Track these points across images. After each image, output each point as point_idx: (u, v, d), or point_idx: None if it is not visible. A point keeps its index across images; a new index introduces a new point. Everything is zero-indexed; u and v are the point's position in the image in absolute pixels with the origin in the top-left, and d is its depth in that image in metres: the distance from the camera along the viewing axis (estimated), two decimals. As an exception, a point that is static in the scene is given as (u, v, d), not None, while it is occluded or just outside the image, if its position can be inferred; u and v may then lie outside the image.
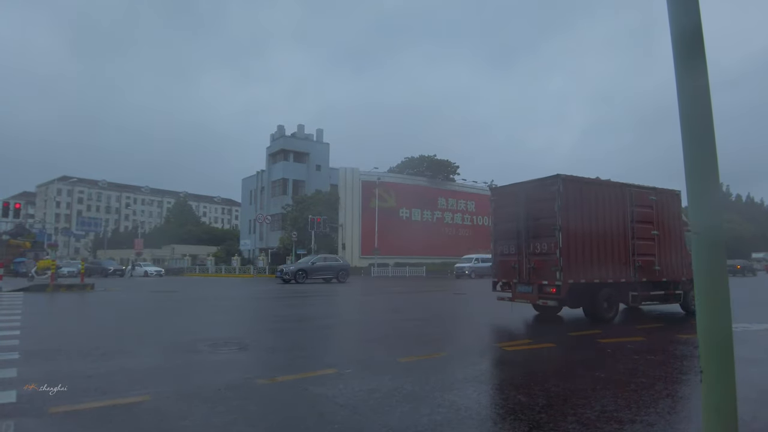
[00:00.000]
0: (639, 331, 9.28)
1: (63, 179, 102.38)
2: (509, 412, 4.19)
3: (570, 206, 10.08)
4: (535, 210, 10.61)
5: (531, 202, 10.71)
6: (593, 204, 10.50)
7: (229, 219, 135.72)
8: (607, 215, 10.63)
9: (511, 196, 11.34)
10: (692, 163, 1.75)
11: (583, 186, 10.55)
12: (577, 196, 10.27)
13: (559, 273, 9.91)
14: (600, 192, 10.70)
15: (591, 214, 10.44)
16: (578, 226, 10.16)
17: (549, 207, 10.16)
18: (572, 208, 10.12)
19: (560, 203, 9.97)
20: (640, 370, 5.85)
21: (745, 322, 10.27)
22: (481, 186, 60.96)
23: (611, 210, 10.70)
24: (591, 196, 10.53)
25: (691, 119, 1.75)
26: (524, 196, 10.90)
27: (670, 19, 1.79)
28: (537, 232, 10.51)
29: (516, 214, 11.01)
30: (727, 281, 1.74)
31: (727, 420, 1.72)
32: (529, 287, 10.67)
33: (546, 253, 10.29)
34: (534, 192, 10.70)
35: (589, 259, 10.34)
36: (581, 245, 10.19)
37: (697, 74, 1.74)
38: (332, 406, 4.35)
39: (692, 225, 1.74)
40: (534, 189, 10.72)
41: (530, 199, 10.75)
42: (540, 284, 10.35)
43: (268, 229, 57.29)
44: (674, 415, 4.15)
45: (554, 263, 10.01)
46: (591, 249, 10.37)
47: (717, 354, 1.72)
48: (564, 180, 10.13)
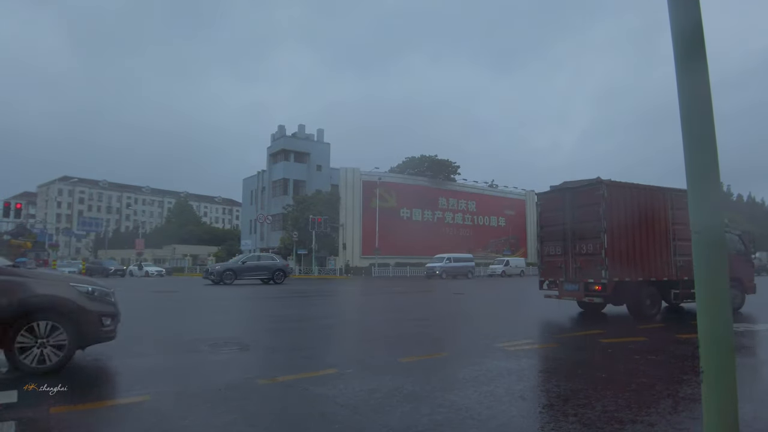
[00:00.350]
0: (641, 331, 9.28)
1: (64, 179, 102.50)
2: (509, 413, 4.18)
3: (614, 209, 10.73)
4: (580, 213, 11.30)
5: (576, 207, 11.40)
6: (635, 207, 11.08)
7: (230, 219, 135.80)
8: (649, 217, 11.18)
9: (556, 201, 12.07)
10: (693, 163, 1.74)
11: (626, 190, 11.15)
12: (620, 200, 10.89)
13: (604, 272, 10.55)
14: (641, 196, 11.32)
15: (633, 217, 11.01)
16: (622, 228, 10.76)
17: (594, 211, 10.84)
18: (616, 211, 10.76)
19: (605, 207, 10.65)
20: (641, 370, 5.84)
21: (747, 322, 10.28)
22: (481, 186, 60.99)
23: (652, 212, 11.23)
24: (633, 199, 11.14)
25: (691, 119, 1.74)
26: (569, 200, 11.60)
27: (670, 19, 1.79)
28: (582, 234, 11.18)
29: (562, 217, 11.76)
30: (727, 281, 1.73)
31: (728, 420, 1.72)
32: (575, 285, 11.32)
33: (591, 254, 10.92)
34: (579, 196, 11.41)
35: (633, 258, 10.88)
36: (625, 246, 10.74)
37: (697, 74, 1.74)
38: (333, 406, 4.35)
39: (692, 224, 1.74)
40: (579, 194, 11.45)
41: (575, 204, 11.44)
42: (586, 282, 10.98)
43: (269, 229, 57.31)
44: (675, 415, 4.15)
45: (599, 263, 10.64)
46: (634, 249, 10.93)
47: (717, 354, 1.72)
48: (608, 185, 10.84)
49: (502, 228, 60.62)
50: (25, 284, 5.42)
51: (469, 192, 58.82)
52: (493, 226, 60.22)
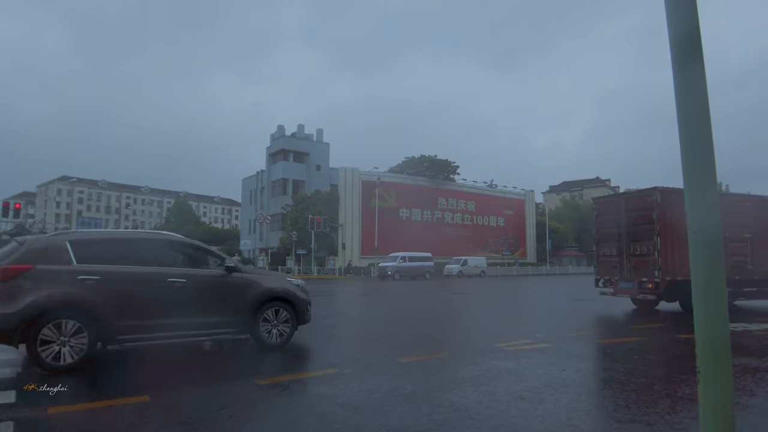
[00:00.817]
0: (638, 331, 9.30)
1: (63, 179, 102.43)
2: (508, 414, 4.19)
3: (666, 213, 11.47)
4: (634, 217, 12.17)
5: (630, 211, 12.30)
6: None
7: (229, 219, 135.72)
8: None
9: (612, 205, 13.12)
10: (690, 164, 1.75)
11: (678, 195, 11.68)
12: (672, 204, 11.48)
13: (657, 271, 11.40)
14: None
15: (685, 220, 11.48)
16: (674, 231, 11.35)
17: (647, 215, 11.75)
18: (668, 215, 11.42)
19: (658, 211, 11.50)
20: (639, 370, 5.86)
21: (744, 322, 10.30)
22: (480, 186, 60.94)
23: None
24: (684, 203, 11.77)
25: (689, 120, 1.75)
26: (624, 205, 12.54)
27: (668, 21, 1.79)
28: (637, 236, 12.07)
29: (617, 221, 12.62)
30: (724, 281, 1.74)
31: (724, 420, 1.72)
32: (629, 284, 12.22)
33: (645, 254, 11.80)
34: (633, 202, 12.35)
35: (685, 259, 11.64)
36: (677, 247, 11.31)
37: (694, 76, 1.75)
38: (332, 406, 4.36)
39: (689, 225, 1.75)
40: (633, 199, 12.42)
41: (629, 208, 12.35)
42: (640, 281, 11.85)
43: (268, 229, 57.27)
44: (673, 415, 4.16)
45: (653, 263, 11.53)
46: (686, 250, 11.22)
47: (714, 354, 1.72)
48: (661, 191, 11.66)
49: (501, 228, 60.60)
50: (262, 280, 7.32)
51: (468, 192, 58.79)
52: (492, 226, 60.20)
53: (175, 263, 6.69)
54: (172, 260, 6.73)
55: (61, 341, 5.48)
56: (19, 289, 5.46)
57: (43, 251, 5.85)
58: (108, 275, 6.00)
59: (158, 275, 6.36)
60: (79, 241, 6.13)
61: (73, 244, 6.00)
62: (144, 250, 6.62)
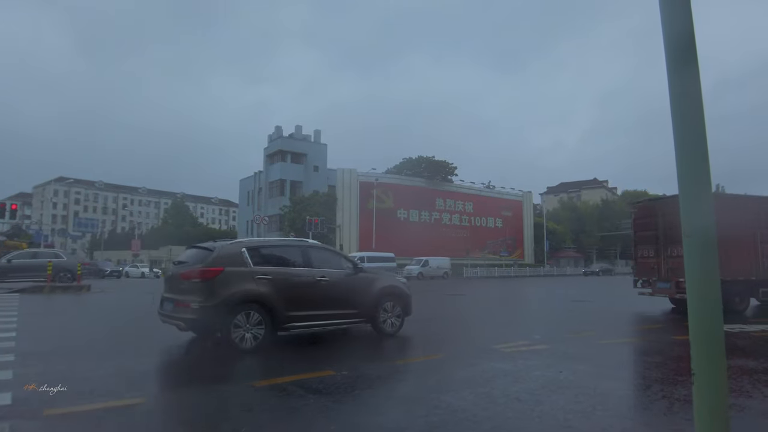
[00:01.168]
0: (635, 332, 9.31)
1: (59, 180, 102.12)
2: (504, 416, 4.19)
3: None
4: (671, 220, 12.62)
5: (667, 215, 12.85)
6: (723, 213, 12.09)
7: (226, 220, 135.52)
8: (737, 223, 12.15)
9: (649, 209, 13.86)
10: (684, 166, 1.75)
11: (714, 199, 11.95)
12: None
13: None
14: (730, 204, 12.87)
15: (721, 222, 11.85)
16: None
17: None
18: None
19: None
20: (637, 371, 5.86)
21: (741, 323, 10.32)
22: (478, 187, 61.00)
23: (740, 219, 12.30)
24: (721, 207, 12.71)
25: (683, 122, 1.76)
26: (661, 209, 13.18)
27: (662, 23, 1.80)
28: (674, 239, 12.60)
29: (654, 224, 13.24)
30: (718, 283, 1.75)
31: (719, 422, 1.73)
32: (667, 284, 12.71)
33: (681, 256, 11.72)
34: (670, 206, 12.86)
35: (721, 260, 11.63)
36: None
37: (689, 77, 1.75)
38: (330, 406, 4.35)
39: (684, 228, 1.75)
40: (670, 203, 13.01)
41: (666, 212, 12.92)
42: (677, 281, 12.25)
43: (266, 230, 57.21)
44: (670, 416, 4.16)
45: None
46: (723, 252, 11.85)
47: (709, 356, 1.72)
48: None
49: (499, 229, 60.68)
50: (380, 278, 8.93)
51: (466, 193, 58.84)
52: (490, 227, 60.27)
53: (320, 265, 8.09)
54: (317, 262, 8.11)
55: (246, 328, 6.88)
56: (216, 286, 6.91)
57: (228, 256, 7.27)
58: (276, 275, 7.46)
59: (310, 274, 7.84)
60: (250, 247, 7.56)
61: (248, 251, 7.44)
62: (295, 254, 8.07)
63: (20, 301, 14.73)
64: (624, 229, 68.80)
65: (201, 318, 6.82)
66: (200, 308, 6.78)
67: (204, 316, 6.77)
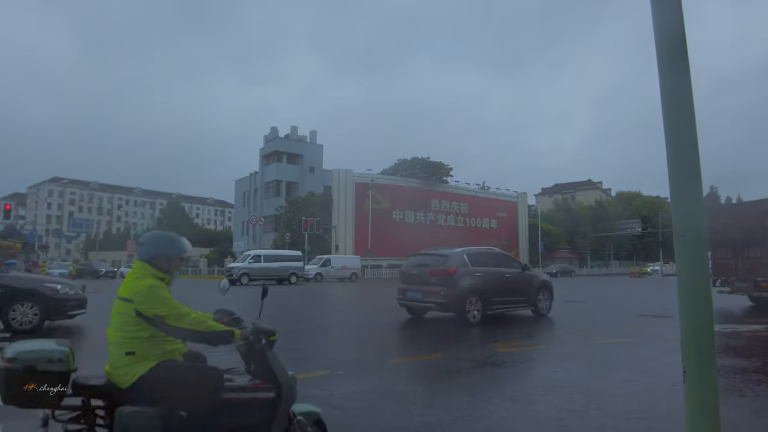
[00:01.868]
0: (629, 332, 9.35)
1: (54, 180, 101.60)
2: (499, 414, 4.21)
3: None
4: (748, 224, 13.79)
5: (743, 219, 14.35)
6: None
7: (222, 220, 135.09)
8: None
9: (725, 213, 15.21)
10: (675, 166, 1.78)
11: None
12: None
13: None
14: None
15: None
16: None
17: (760, 222, 13.42)
18: None
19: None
20: (630, 369, 5.89)
21: (734, 323, 10.38)
22: (473, 188, 61.11)
23: None
24: None
25: (674, 122, 1.78)
26: (737, 213, 14.50)
27: (654, 24, 1.82)
28: (750, 241, 13.77)
29: (731, 227, 14.15)
30: (709, 283, 1.77)
31: (710, 419, 1.75)
32: (745, 283, 13.76)
33: (759, 257, 13.56)
34: (746, 210, 14.22)
35: None
36: None
37: (680, 78, 1.78)
38: (325, 407, 4.35)
39: (675, 228, 1.77)
40: (746, 208, 14.52)
41: (742, 216, 14.38)
42: (755, 281, 13.28)
43: (262, 230, 57.13)
44: (660, 414, 4.19)
45: (767, 264, 13.20)
46: None
47: (700, 354, 1.75)
48: None
49: (494, 230, 60.77)
50: (537, 275, 12.29)
51: (461, 194, 58.92)
52: (485, 228, 60.37)
53: (505, 265, 11.42)
54: (503, 263, 11.51)
55: (472, 308, 10.08)
56: (455, 280, 10.08)
57: (457, 259, 10.52)
58: (485, 272, 10.63)
59: (502, 272, 11.08)
60: (468, 253, 10.89)
61: (467, 255, 10.72)
62: (491, 258, 11.44)
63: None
64: (618, 230, 69.21)
65: (448, 302, 9.94)
66: (447, 295, 9.88)
67: (450, 300, 9.90)
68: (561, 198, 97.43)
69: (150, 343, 2.43)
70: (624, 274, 62.54)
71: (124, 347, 2.40)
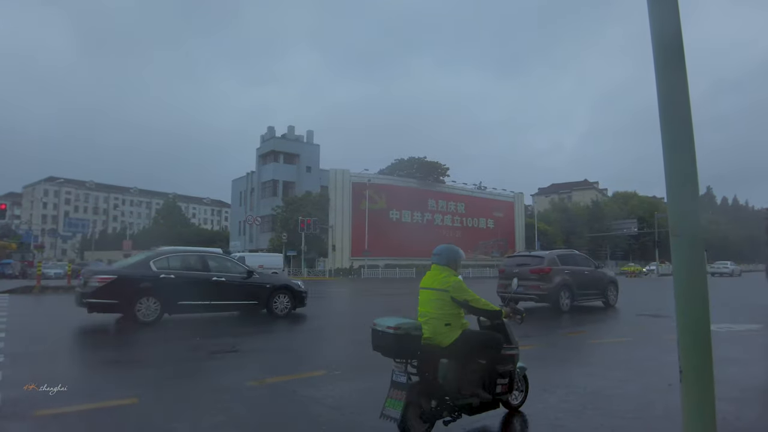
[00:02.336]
0: (626, 331, 9.38)
1: (50, 180, 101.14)
2: (495, 413, 4.21)
3: None
4: None
5: None
6: None
7: (218, 220, 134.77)
8: None
9: None
10: (671, 167, 1.78)
11: None
12: None
13: None
14: None
15: None
16: None
17: None
18: None
19: None
20: (626, 368, 5.91)
21: (729, 323, 10.41)
22: (470, 188, 61.16)
23: None
24: None
25: (670, 124, 1.79)
26: None
27: (651, 26, 1.83)
28: None
29: None
30: (706, 282, 1.77)
31: (706, 418, 1.76)
32: None
33: None
34: None
35: None
36: None
37: (676, 80, 1.78)
38: (321, 407, 4.35)
39: (671, 228, 1.78)
40: None
41: None
42: None
43: (258, 230, 57.02)
44: (656, 413, 4.21)
45: None
46: None
47: (696, 353, 1.75)
48: None
49: (490, 230, 60.88)
50: (606, 273, 14.79)
51: (458, 194, 58.98)
52: (482, 228, 60.45)
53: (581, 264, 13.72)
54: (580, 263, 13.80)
55: (564, 299, 12.53)
56: (551, 277, 12.52)
57: (551, 260, 12.88)
58: (571, 271, 12.98)
59: (582, 270, 13.46)
60: (558, 255, 13.51)
61: (557, 257, 13.24)
62: (571, 257, 13.76)
63: (9, 302, 14.60)
64: (614, 230, 69.35)
65: (547, 294, 12.28)
66: (546, 288, 12.28)
67: (548, 293, 12.28)
68: (557, 198, 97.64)
69: (458, 318, 3.66)
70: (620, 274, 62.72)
71: (443, 321, 3.60)
